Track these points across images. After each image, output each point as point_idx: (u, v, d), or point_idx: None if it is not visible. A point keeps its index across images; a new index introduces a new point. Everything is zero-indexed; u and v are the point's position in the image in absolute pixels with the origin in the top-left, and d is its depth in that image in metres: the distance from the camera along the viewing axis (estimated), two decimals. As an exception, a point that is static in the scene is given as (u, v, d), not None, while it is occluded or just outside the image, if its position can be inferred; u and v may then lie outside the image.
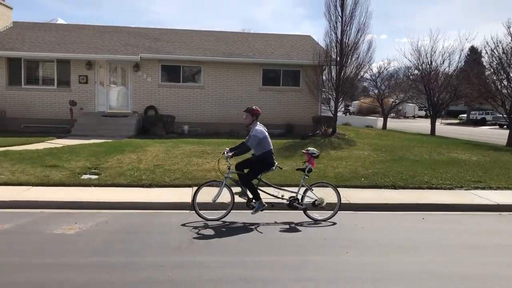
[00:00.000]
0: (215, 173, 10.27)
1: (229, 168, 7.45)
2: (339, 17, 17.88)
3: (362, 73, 20.72)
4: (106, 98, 18.96)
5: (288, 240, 6.42)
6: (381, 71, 34.23)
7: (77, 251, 5.60)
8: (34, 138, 14.59)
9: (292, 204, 7.41)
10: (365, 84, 37.48)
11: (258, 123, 7.56)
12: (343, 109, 50.64)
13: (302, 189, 7.47)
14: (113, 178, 9.66)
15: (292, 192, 7.50)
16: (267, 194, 7.48)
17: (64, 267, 5.02)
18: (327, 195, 7.56)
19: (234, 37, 23.06)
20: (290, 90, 20.14)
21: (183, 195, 8.69)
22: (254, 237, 6.46)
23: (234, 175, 7.56)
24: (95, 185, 9.26)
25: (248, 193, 7.38)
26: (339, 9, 17.88)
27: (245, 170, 7.54)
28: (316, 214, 7.45)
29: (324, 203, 7.43)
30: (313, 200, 7.41)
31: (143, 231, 6.61)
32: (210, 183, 7.63)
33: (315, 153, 7.58)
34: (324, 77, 19.84)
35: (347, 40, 17.89)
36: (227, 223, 7.12)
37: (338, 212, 7.53)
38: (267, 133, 7.49)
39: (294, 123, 19.61)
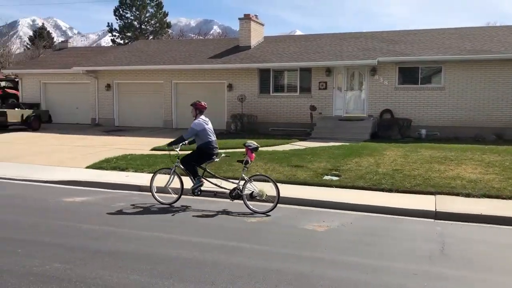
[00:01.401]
0: (460, 181, 9.53)
1: (178, 158, 8.19)
2: None
3: None
4: (343, 103, 19.64)
5: None
6: None
7: (329, 248, 5.97)
8: (280, 140, 16.17)
9: (232, 194, 7.91)
10: None
11: (202, 116, 8.18)
12: None
13: (242, 181, 7.85)
14: (353, 181, 9.93)
15: (234, 183, 7.92)
16: (212, 184, 8.05)
17: (320, 262, 5.40)
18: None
19: (481, 33, 20.88)
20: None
21: (426, 202, 8.33)
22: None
23: None
24: (336, 186, 9.69)
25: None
26: None
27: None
28: (256, 206, 7.75)
29: (264, 196, 7.71)
30: (251, 191, 7.75)
31: (387, 236, 6.61)
32: (161, 171, 8.58)
33: (250, 146, 7.90)
34: None
35: None
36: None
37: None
38: (207, 126, 8.11)
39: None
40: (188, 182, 8.26)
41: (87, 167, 11.81)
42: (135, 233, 6.46)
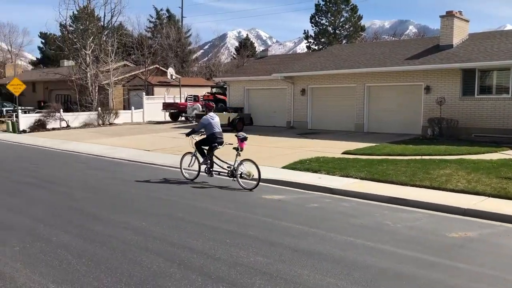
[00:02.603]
0: None
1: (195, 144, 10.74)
2: None
3: None
4: None
5: None
6: None
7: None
8: (485, 148, 14.49)
9: (229, 173, 10.12)
10: None
11: (210, 113, 10.74)
12: None
13: (236, 164, 9.97)
14: None
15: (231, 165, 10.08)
16: (218, 166, 10.47)
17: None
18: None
19: None
20: None
21: None
22: None
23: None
24: (560, 205, 8.21)
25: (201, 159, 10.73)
26: None
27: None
28: (244, 183, 9.83)
29: (251, 176, 9.74)
30: (241, 172, 9.93)
31: None
32: (187, 154, 11.18)
33: (240, 136, 10.09)
34: None
35: None
36: None
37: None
38: (212, 121, 10.55)
39: None
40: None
41: (283, 167, 12.51)
42: (330, 235, 6.58)
